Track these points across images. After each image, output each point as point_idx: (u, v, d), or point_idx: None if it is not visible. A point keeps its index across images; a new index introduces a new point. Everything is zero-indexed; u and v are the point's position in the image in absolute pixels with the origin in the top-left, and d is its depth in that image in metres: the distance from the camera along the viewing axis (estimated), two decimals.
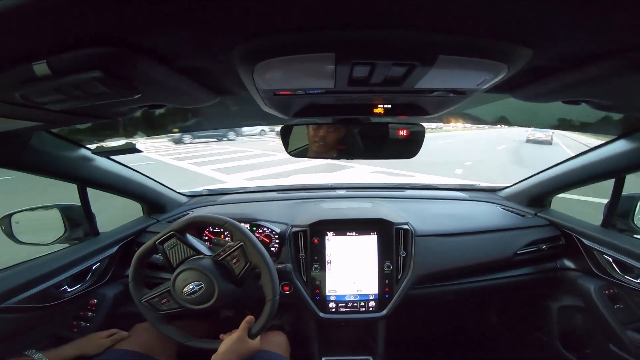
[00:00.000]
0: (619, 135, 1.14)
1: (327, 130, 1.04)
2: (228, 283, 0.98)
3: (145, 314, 1.02)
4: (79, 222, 1.35)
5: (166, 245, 1.00)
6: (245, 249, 0.98)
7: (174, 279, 0.98)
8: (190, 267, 0.97)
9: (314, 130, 1.04)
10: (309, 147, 1.06)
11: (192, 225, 1.03)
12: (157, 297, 1.01)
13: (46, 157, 1.06)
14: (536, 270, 1.43)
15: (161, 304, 1.01)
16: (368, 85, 0.60)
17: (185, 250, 1.00)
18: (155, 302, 1.01)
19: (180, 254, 1.00)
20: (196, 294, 0.95)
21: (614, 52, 0.49)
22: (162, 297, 1.01)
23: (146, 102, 0.76)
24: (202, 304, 0.96)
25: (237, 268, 0.99)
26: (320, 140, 1.05)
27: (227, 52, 0.51)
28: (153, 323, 1.02)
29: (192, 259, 1.00)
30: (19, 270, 1.09)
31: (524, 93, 0.77)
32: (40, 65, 0.44)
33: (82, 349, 1.06)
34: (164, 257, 1.00)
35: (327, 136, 1.05)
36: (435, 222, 1.43)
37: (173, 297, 0.99)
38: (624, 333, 1.19)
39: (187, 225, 1.01)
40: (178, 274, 0.97)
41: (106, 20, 0.39)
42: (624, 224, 1.32)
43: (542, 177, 1.55)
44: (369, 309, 1.31)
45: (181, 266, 0.98)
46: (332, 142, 1.04)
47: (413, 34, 0.43)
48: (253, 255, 0.98)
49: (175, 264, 0.99)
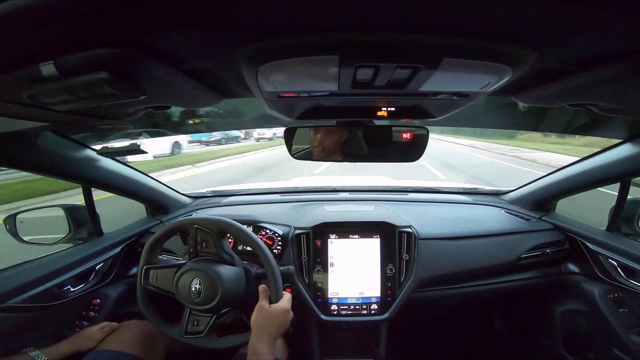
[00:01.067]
0: (625, 139, 1.13)
1: (331, 132, 1.04)
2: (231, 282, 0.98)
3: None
4: (83, 222, 1.35)
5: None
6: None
7: (178, 277, 0.99)
8: (194, 268, 0.98)
9: (317, 132, 1.05)
10: (312, 150, 1.06)
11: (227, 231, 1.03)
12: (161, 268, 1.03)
13: (52, 157, 1.07)
14: (540, 274, 1.42)
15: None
16: (372, 88, 0.60)
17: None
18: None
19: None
20: (198, 294, 0.96)
21: (620, 55, 0.49)
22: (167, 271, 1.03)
23: (152, 103, 0.77)
24: (204, 305, 0.97)
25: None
26: (324, 143, 1.05)
27: (232, 53, 0.51)
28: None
29: (199, 260, 1.01)
30: (23, 269, 1.10)
31: (528, 96, 0.76)
32: (48, 66, 0.45)
33: (77, 344, 1.07)
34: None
35: (331, 139, 1.05)
36: (438, 226, 1.43)
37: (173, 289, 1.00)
38: (628, 337, 1.18)
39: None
40: (183, 273, 0.98)
41: (115, 21, 0.39)
42: (629, 228, 1.31)
43: (546, 181, 1.54)
44: (371, 312, 1.30)
45: (187, 265, 0.99)
46: (335, 144, 1.04)
47: (417, 36, 0.43)
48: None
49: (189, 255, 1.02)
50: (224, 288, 0.95)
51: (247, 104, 1.11)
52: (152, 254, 1.07)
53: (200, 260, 1.01)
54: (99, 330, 1.13)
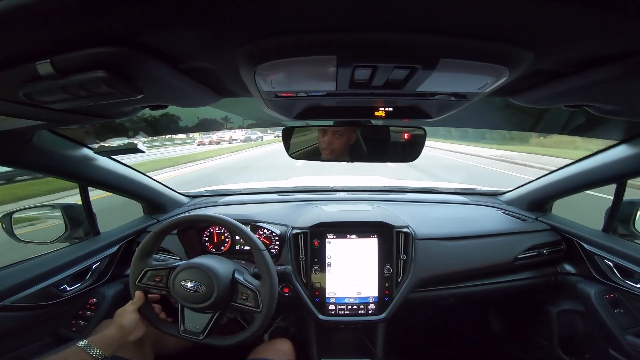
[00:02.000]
0: (620, 140, 1.14)
1: (329, 133, 1.04)
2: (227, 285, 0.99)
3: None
4: (80, 221, 1.35)
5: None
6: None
7: (176, 274, 0.99)
8: (192, 266, 0.98)
9: (315, 133, 1.05)
10: (310, 150, 1.06)
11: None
12: (156, 271, 1.03)
13: (48, 156, 1.07)
14: (537, 275, 1.43)
15: (154, 281, 1.03)
16: (369, 88, 0.60)
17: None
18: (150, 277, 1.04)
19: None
20: (195, 293, 0.96)
21: (618, 57, 0.49)
22: (158, 275, 1.03)
23: (149, 102, 0.77)
24: (198, 304, 0.97)
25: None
26: (322, 143, 1.05)
27: (230, 53, 0.51)
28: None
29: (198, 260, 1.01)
30: (19, 268, 1.09)
31: (525, 97, 0.76)
32: (44, 65, 0.44)
33: (120, 325, 0.97)
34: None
35: (329, 139, 1.05)
36: (435, 226, 1.43)
37: (168, 285, 1.01)
38: (624, 338, 1.19)
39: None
40: (180, 271, 0.99)
41: (112, 19, 0.39)
42: (625, 229, 1.32)
43: (543, 182, 1.54)
44: (368, 312, 1.30)
45: (184, 263, 1.00)
46: (333, 144, 1.04)
47: (415, 36, 0.43)
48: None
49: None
50: (220, 286, 0.96)
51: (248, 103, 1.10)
52: (146, 260, 1.07)
53: (194, 259, 1.02)
54: (131, 309, 1.03)
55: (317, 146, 1.05)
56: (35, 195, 5.79)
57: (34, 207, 1.33)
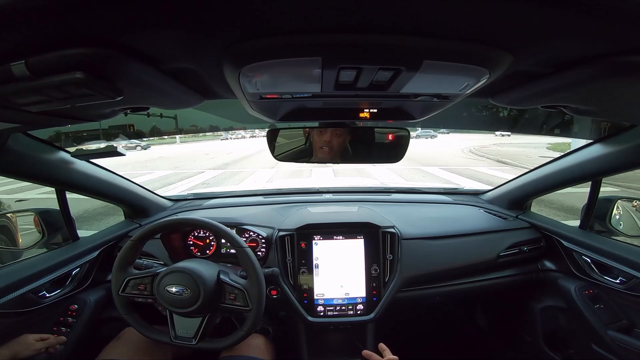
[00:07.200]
0: (595, 139, 1.18)
1: (314, 134, 1.04)
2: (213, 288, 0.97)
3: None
4: (58, 226, 1.31)
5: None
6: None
7: (159, 280, 0.97)
8: (175, 271, 0.97)
9: (300, 134, 1.04)
10: (295, 152, 1.06)
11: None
12: (139, 279, 1.01)
13: (24, 159, 1.03)
14: (519, 272, 1.46)
15: (138, 289, 1.01)
16: (354, 90, 0.60)
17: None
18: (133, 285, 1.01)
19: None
20: (180, 297, 0.94)
21: (593, 58, 0.51)
22: (142, 283, 1.01)
23: (129, 104, 0.75)
24: (185, 308, 0.95)
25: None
26: (307, 145, 1.05)
27: (213, 54, 0.50)
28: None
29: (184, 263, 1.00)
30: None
31: (504, 98, 0.78)
32: (19, 66, 0.43)
33: (14, 350, 1.00)
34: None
35: (314, 140, 1.05)
36: (420, 226, 1.45)
37: (153, 293, 0.99)
38: (606, 333, 1.21)
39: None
40: (163, 276, 0.97)
41: (90, 20, 0.38)
42: (601, 226, 1.36)
43: (522, 181, 1.59)
44: (357, 312, 1.31)
45: (167, 269, 0.98)
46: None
47: (399, 38, 0.44)
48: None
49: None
50: (206, 289, 0.95)
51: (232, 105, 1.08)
52: (127, 269, 1.04)
53: (177, 263, 1.00)
54: (39, 339, 1.04)
55: (305, 148, 1.05)
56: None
57: (7, 212, 1.28)
